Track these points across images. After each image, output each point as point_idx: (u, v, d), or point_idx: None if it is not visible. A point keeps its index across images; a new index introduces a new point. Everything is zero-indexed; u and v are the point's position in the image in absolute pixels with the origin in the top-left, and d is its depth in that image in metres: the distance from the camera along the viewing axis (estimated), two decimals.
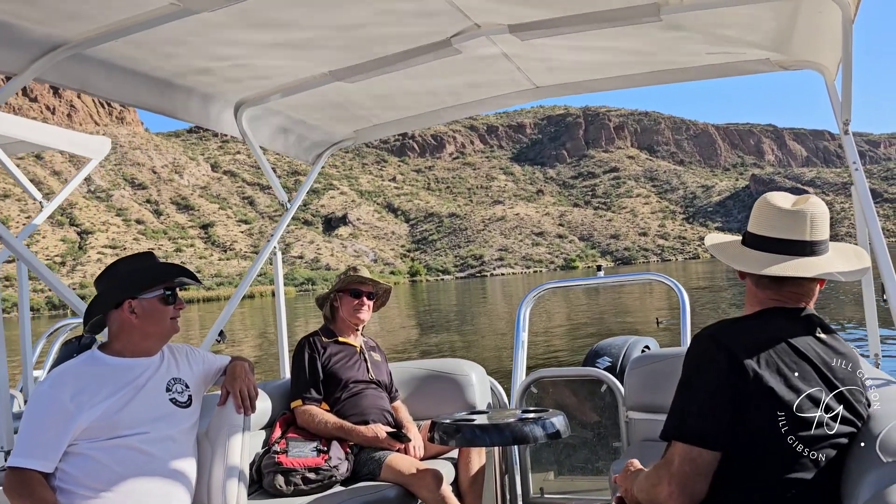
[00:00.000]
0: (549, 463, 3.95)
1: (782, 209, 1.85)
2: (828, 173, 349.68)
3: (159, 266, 2.52)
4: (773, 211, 1.86)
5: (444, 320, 36.90)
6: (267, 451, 3.19)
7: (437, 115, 4.02)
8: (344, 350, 3.57)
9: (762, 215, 1.89)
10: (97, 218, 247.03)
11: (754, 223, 1.91)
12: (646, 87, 3.53)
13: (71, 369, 2.35)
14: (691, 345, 1.78)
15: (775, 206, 1.86)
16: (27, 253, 2.73)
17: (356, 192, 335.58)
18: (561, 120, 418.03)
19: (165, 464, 2.34)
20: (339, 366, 3.48)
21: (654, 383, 3.44)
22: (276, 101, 3.47)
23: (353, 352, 3.60)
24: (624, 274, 5.38)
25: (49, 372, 5.18)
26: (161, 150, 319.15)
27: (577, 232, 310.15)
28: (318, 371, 3.44)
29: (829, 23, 2.59)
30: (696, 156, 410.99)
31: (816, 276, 1.81)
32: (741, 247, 1.91)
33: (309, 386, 3.40)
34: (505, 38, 2.94)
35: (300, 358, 3.47)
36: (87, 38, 2.50)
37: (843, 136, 2.76)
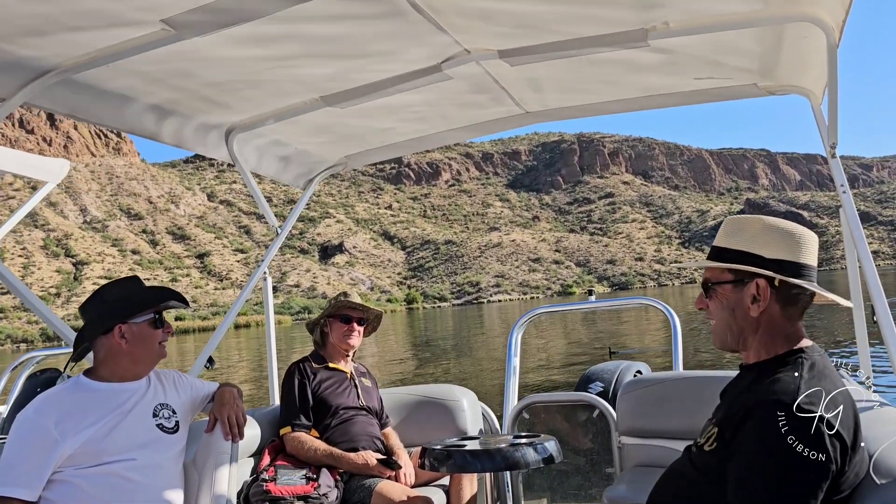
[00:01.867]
0: (541, 489, 3.91)
1: (800, 234, 1.79)
2: (822, 197, 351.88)
3: (148, 290, 2.49)
4: (793, 237, 1.78)
5: (440, 350, 36.72)
6: (255, 479, 3.11)
7: (428, 141, 4.02)
8: (334, 376, 3.52)
9: (783, 241, 1.78)
10: (93, 248, 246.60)
11: (774, 248, 1.78)
12: (636, 111, 3.57)
13: (56, 395, 2.32)
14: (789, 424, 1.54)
15: (790, 231, 1.79)
16: (16, 281, 2.67)
17: (352, 220, 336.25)
18: (556, 146, 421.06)
19: (151, 491, 2.31)
20: (328, 392, 3.43)
21: (647, 408, 3.41)
22: (267, 126, 3.46)
23: (344, 378, 3.55)
24: (615, 298, 5.37)
25: (10, 407, 5.09)
26: (157, 181, 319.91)
27: (574, 258, 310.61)
28: (308, 397, 3.40)
29: (815, 48, 2.62)
30: (691, 181, 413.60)
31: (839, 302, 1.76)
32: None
33: (298, 412, 3.35)
34: (495, 63, 2.96)
35: (289, 384, 3.42)
36: (76, 64, 2.48)
37: (831, 160, 2.76)
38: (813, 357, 1.70)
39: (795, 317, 1.76)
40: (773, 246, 1.79)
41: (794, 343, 1.74)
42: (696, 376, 3.43)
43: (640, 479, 3.12)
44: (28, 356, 5.69)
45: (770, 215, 1.87)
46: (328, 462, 3.24)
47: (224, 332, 3.69)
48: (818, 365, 1.68)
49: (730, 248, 1.83)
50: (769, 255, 1.78)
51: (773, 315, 1.76)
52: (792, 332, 1.75)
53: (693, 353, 20.31)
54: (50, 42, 2.36)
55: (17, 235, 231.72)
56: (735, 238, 1.83)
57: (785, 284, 1.75)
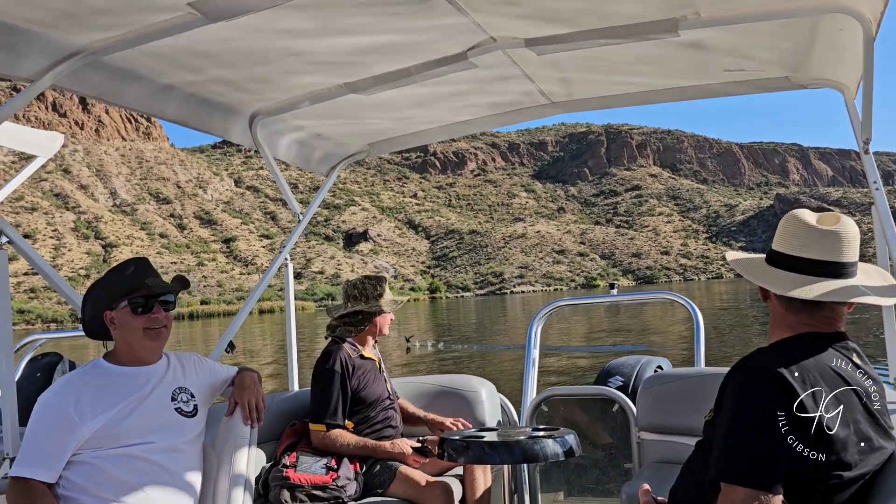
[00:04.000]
0: (559, 483, 3.89)
1: (819, 228, 1.75)
2: (854, 193, 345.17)
3: (126, 276, 2.42)
4: (807, 230, 1.77)
5: (463, 338, 36.70)
6: (275, 465, 3.14)
7: (452, 130, 4.00)
8: (367, 366, 3.49)
9: (794, 234, 1.78)
10: (122, 231, 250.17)
11: (784, 242, 1.80)
12: (663, 103, 3.49)
13: (76, 378, 2.33)
14: (738, 378, 1.67)
15: (809, 224, 1.77)
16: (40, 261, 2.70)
17: (377, 208, 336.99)
18: (583, 137, 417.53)
19: (170, 474, 2.32)
20: (367, 384, 3.41)
21: (668, 404, 3.40)
22: (291, 112, 3.45)
23: (374, 367, 3.54)
24: (636, 292, 5.29)
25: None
26: (186, 165, 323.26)
27: (599, 250, 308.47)
28: (349, 395, 3.34)
29: (850, 40, 2.56)
30: (720, 174, 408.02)
31: (862, 301, 1.72)
32: (767, 266, 1.82)
33: (336, 412, 3.29)
34: (521, 52, 2.92)
35: (329, 378, 3.32)
36: (104, 46, 2.50)
37: (864, 156, 2.71)
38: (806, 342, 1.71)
39: (796, 308, 1.75)
40: (778, 237, 1.83)
41: (797, 331, 1.75)
42: (717, 373, 3.37)
43: (659, 475, 3.10)
44: (30, 339, 5.43)
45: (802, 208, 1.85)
46: (363, 454, 3.23)
47: (244, 318, 3.69)
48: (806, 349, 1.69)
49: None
50: (773, 246, 1.84)
51: (775, 304, 1.80)
52: (794, 322, 1.76)
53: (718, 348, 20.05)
54: (78, 24, 2.37)
55: (48, 217, 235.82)
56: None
57: None
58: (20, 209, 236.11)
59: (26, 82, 2.52)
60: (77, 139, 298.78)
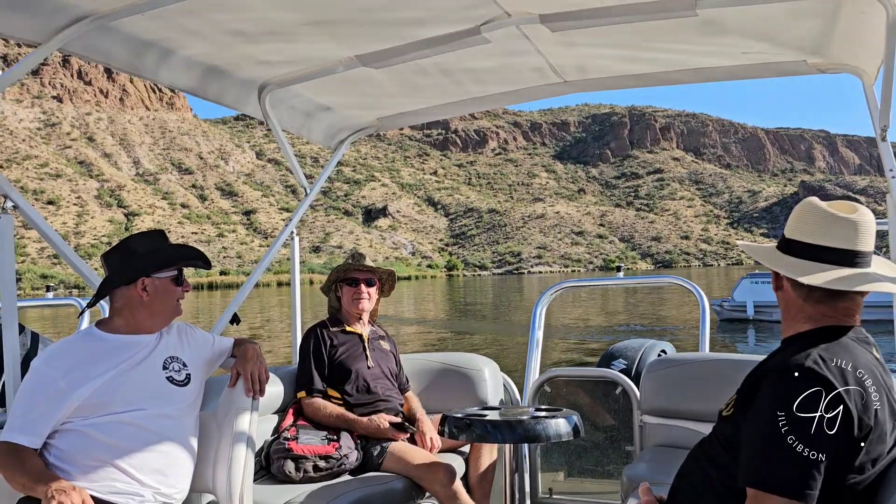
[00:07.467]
0: (559, 463, 3.91)
1: (836, 215, 1.71)
2: (881, 182, 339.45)
3: (174, 247, 2.52)
4: (824, 216, 1.72)
5: (480, 316, 36.82)
6: (277, 437, 3.19)
7: (463, 106, 3.93)
8: (349, 340, 3.54)
9: (810, 221, 1.73)
10: (144, 200, 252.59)
11: (799, 229, 1.74)
12: (679, 85, 3.47)
13: (66, 345, 2.34)
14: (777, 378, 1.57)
15: (827, 211, 1.72)
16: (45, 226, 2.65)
17: (397, 184, 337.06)
18: (606, 119, 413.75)
19: (163, 439, 2.32)
20: (346, 356, 3.47)
21: (671, 388, 3.41)
22: (301, 84, 3.41)
23: (357, 341, 3.57)
24: (642, 276, 5.43)
25: None
26: (208, 136, 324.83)
27: (618, 233, 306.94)
28: (324, 362, 3.44)
29: (872, 24, 2.51)
30: (744, 160, 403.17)
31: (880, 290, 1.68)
32: (781, 254, 1.76)
33: (312, 377, 3.39)
34: (535, 28, 2.87)
35: (305, 348, 3.48)
36: (112, 11, 2.47)
37: (881, 143, 2.70)
38: (832, 336, 1.66)
39: (816, 298, 1.70)
40: (791, 224, 1.78)
41: (818, 323, 1.70)
42: (721, 359, 3.42)
43: (661, 458, 3.12)
44: None
45: (825, 199, 1.78)
46: (342, 426, 3.27)
47: (248, 291, 3.70)
48: (841, 341, 1.64)
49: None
50: (786, 233, 1.79)
51: (789, 295, 1.75)
52: (814, 313, 1.71)
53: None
54: None
55: (72, 184, 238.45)
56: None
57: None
58: (45, 175, 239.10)
59: (33, 45, 2.49)
60: (101, 107, 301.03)
